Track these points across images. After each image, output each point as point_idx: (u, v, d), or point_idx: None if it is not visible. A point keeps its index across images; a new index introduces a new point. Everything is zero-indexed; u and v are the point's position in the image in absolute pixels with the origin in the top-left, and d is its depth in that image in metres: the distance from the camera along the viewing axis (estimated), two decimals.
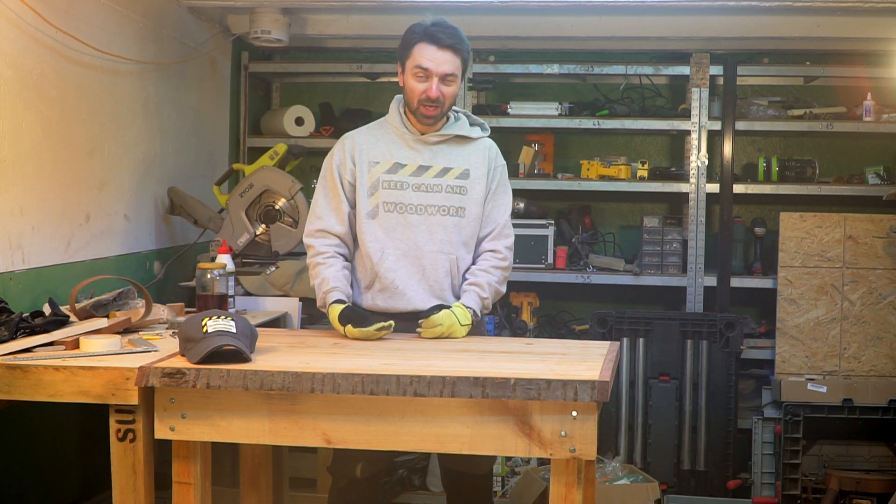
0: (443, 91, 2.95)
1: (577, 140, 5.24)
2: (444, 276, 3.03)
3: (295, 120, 5.04)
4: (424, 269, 3.02)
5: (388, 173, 3.03)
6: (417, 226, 3.02)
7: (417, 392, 2.36)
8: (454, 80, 2.97)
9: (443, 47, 2.93)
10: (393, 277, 3.01)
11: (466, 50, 2.99)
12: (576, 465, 2.37)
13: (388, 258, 3.01)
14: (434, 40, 2.93)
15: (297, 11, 4.65)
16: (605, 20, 4.58)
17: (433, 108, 2.96)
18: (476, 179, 3.06)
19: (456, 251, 3.04)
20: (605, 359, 2.61)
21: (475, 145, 3.10)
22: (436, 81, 2.93)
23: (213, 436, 2.49)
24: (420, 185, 3.02)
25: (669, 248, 4.77)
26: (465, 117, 3.12)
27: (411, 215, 3.01)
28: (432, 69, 2.93)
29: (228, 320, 2.55)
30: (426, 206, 3.02)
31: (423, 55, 2.94)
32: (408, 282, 3.02)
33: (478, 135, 3.11)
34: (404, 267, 3.02)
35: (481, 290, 3.02)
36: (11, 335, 2.65)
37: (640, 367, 4.46)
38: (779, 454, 4.29)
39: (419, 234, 3.02)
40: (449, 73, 2.94)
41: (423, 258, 3.02)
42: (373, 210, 3.02)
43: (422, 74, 2.94)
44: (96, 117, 3.71)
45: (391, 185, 3.02)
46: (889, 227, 4.37)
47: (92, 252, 3.69)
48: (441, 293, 3.03)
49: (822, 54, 4.85)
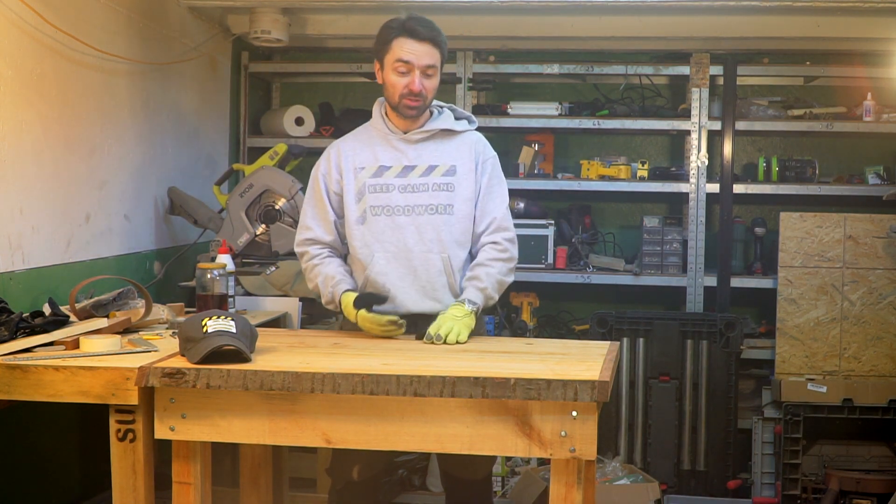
0: (424, 84, 2.94)
1: (577, 140, 5.24)
2: (438, 276, 3.00)
3: (295, 120, 5.04)
4: (416, 269, 3.00)
5: (373, 177, 3.01)
6: (406, 227, 3.00)
7: (417, 392, 2.36)
8: (435, 73, 2.97)
9: (422, 40, 2.93)
10: (384, 281, 2.99)
11: (444, 42, 2.99)
12: (576, 465, 2.37)
13: (378, 262, 3.00)
14: (413, 34, 2.93)
15: (297, 11, 4.65)
16: (605, 20, 4.57)
17: (416, 100, 2.95)
18: (463, 175, 3.02)
19: (447, 250, 3.00)
20: (605, 359, 2.61)
21: (461, 140, 3.07)
22: (417, 74, 2.93)
23: (213, 436, 2.49)
24: (406, 186, 3.00)
25: (669, 248, 4.77)
26: (450, 111, 3.10)
27: (399, 217, 3.00)
28: (413, 62, 2.92)
29: (228, 320, 2.55)
30: (413, 206, 2.99)
31: (402, 49, 2.93)
32: (399, 284, 3.00)
33: (464, 128, 3.08)
34: (395, 269, 3.00)
35: (479, 281, 2.99)
36: (11, 335, 2.65)
37: (640, 367, 4.46)
38: (779, 454, 4.30)
39: (408, 235, 3.00)
40: (430, 65, 2.94)
41: (413, 259, 3.00)
42: (361, 216, 3.01)
43: (403, 69, 2.93)
44: (96, 117, 3.71)
45: (377, 189, 3.00)
46: (889, 227, 4.37)
47: (92, 252, 3.69)
48: (434, 293, 3.01)
49: (822, 54, 4.85)
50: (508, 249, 3.05)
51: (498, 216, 3.06)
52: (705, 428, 4.41)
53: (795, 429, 4.25)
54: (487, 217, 3.05)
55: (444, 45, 2.99)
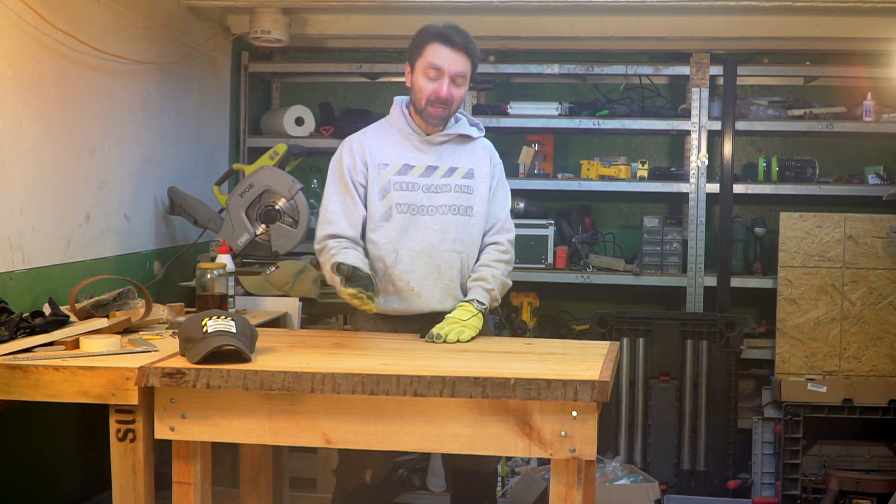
0: (452, 92, 2.97)
1: (577, 140, 5.24)
2: (457, 275, 3.06)
3: (295, 120, 5.04)
4: (440, 268, 3.03)
5: (398, 175, 3.03)
6: (431, 226, 3.02)
7: (417, 392, 2.36)
8: (463, 83, 3.00)
9: (456, 48, 2.96)
10: (408, 279, 3.01)
11: (477, 55, 3.02)
12: (576, 465, 2.37)
13: (403, 260, 3.01)
14: (448, 41, 2.95)
15: (297, 11, 4.65)
16: (605, 20, 4.58)
17: (441, 108, 2.97)
18: (480, 178, 3.09)
19: (467, 249, 3.06)
20: (605, 359, 2.61)
21: (475, 145, 3.14)
22: (447, 81, 2.95)
23: (213, 436, 2.49)
24: (430, 186, 3.03)
25: (669, 248, 4.77)
26: (465, 118, 3.14)
27: (423, 216, 3.02)
28: (444, 68, 2.95)
29: (228, 320, 2.55)
30: (437, 206, 3.03)
31: (435, 54, 2.95)
32: (423, 282, 3.02)
33: (477, 135, 3.15)
34: (420, 267, 3.02)
35: (486, 282, 3.03)
36: (11, 335, 2.65)
37: (640, 367, 4.46)
38: (779, 454, 4.30)
39: (433, 234, 3.02)
40: (460, 74, 2.97)
41: (437, 258, 3.03)
42: (386, 212, 3.02)
43: (433, 74, 2.96)
44: (96, 117, 3.71)
45: (403, 187, 3.02)
46: (889, 227, 4.37)
47: (92, 252, 3.69)
48: (455, 293, 3.05)
49: (822, 54, 4.85)
50: (509, 251, 3.13)
51: (502, 217, 3.14)
52: (705, 428, 4.41)
53: (795, 429, 4.26)
54: (493, 218, 3.12)
55: (476, 57, 3.02)
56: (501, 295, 3.10)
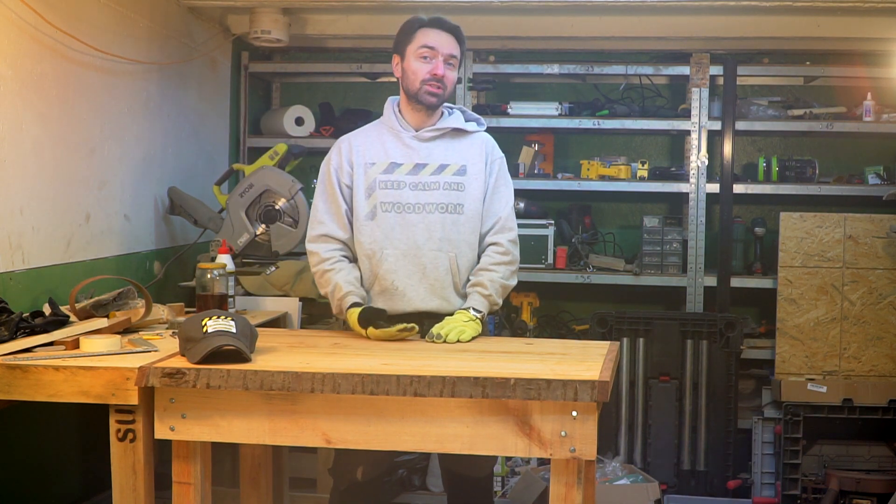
0: (446, 73, 2.98)
1: (577, 140, 5.24)
2: (445, 275, 3.02)
3: (295, 120, 5.04)
4: (425, 267, 3.01)
5: (384, 173, 3.02)
6: (416, 225, 3.01)
7: (417, 392, 2.36)
8: (455, 65, 3.02)
9: (447, 31, 3.01)
10: (392, 278, 3.01)
11: (464, 41, 3.06)
12: (576, 465, 2.37)
13: (387, 259, 3.01)
14: (438, 24, 3.01)
15: (297, 11, 4.65)
16: (605, 20, 4.58)
17: (437, 86, 2.98)
18: (473, 175, 3.05)
19: (455, 249, 3.02)
20: (605, 359, 2.61)
21: (471, 140, 3.10)
22: (441, 61, 2.97)
23: (213, 436, 2.49)
24: (417, 184, 3.02)
25: (669, 248, 4.77)
26: (461, 112, 3.12)
27: (409, 214, 3.01)
28: (438, 48, 2.98)
29: (228, 320, 2.55)
30: (424, 204, 3.01)
31: (427, 36, 2.99)
32: (407, 282, 3.01)
33: (473, 129, 3.11)
34: (404, 267, 3.01)
35: (483, 288, 3.01)
36: (11, 335, 2.65)
37: (640, 367, 4.46)
38: (779, 454, 4.30)
39: (418, 233, 3.01)
40: (452, 55, 3.00)
41: (422, 257, 3.01)
42: (371, 211, 3.02)
43: (427, 54, 2.98)
44: (96, 117, 3.71)
45: (388, 185, 3.01)
46: (889, 227, 4.37)
47: (92, 252, 3.69)
48: (442, 292, 3.03)
49: (822, 54, 4.85)
50: (510, 252, 3.07)
51: (503, 216, 3.08)
52: (705, 428, 4.41)
53: (795, 429, 4.26)
54: (492, 217, 3.08)
55: (464, 43, 3.07)
56: (503, 297, 3.07)
